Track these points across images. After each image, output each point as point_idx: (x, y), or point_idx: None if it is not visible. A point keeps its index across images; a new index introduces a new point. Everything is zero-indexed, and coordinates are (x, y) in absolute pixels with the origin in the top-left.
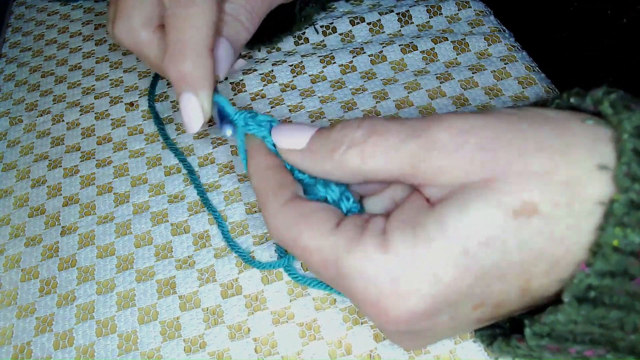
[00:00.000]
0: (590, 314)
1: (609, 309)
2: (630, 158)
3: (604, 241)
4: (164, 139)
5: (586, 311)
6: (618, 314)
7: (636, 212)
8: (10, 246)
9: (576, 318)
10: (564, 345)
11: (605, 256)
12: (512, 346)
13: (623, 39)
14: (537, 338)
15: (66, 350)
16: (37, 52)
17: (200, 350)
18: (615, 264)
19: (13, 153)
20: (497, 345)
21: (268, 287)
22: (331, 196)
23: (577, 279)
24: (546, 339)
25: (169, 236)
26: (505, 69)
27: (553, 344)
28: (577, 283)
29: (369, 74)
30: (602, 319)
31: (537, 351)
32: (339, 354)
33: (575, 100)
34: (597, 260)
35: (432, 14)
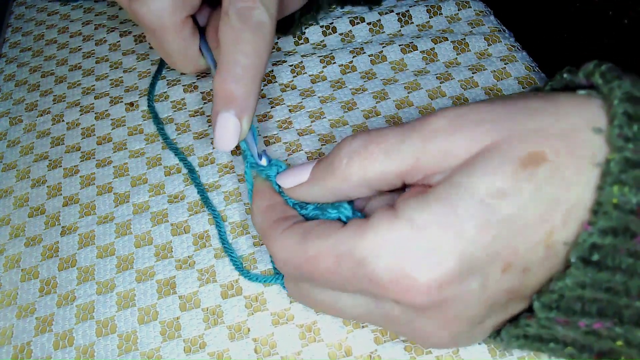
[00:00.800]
0: (596, 277)
1: (613, 272)
2: (622, 121)
3: (604, 199)
4: (164, 138)
5: (592, 274)
6: (622, 277)
7: (632, 170)
8: (10, 246)
9: (583, 280)
10: (572, 318)
11: (607, 213)
12: (522, 326)
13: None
14: (546, 310)
15: (66, 350)
16: (37, 52)
17: (200, 351)
18: (617, 220)
19: (13, 153)
20: (506, 330)
21: (268, 289)
22: (344, 214)
23: (581, 238)
24: (555, 311)
25: (169, 236)
26: (505, 69)
27: (562, 317)
28: (582, 243)
29: (369, 74)
30: (608, 282)
31: (548, 324)
32: (339, 356)
33: (568, 76)
34: (599, 219)
35: (432, 14)
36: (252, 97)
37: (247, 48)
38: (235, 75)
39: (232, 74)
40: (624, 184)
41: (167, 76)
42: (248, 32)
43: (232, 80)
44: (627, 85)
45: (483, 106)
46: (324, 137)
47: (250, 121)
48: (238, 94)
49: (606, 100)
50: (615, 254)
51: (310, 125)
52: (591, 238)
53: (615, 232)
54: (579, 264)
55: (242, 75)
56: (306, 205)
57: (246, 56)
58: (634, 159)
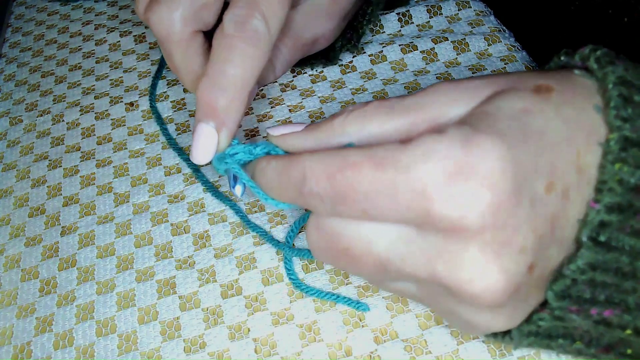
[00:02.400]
0: (605, 258)
1: (620, 253)
2: (618, 103)
3: (607, 177)
4: (167, 138)
5: (601, 255)
6: (627, 258)
7: (631, 148)
8: (10, 246)
9: (594, 260)
10: (584, 306)
11: (611, 190)
12: (534, 321)
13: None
14: (559, 299)
15: (66, 350)
16: (37, 52)
17: (200, 351)
18: (621, 196)
19: (13, 153)
20: (517, 328)
21: (268, 288)
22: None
23: (589, 217)
24: (567, 300)
25: (169, 236)
26: (505, 69)
27: (574, 306)
28: (591, 220)
29: (369, 74)
30: (616, 262)
31: (561, 314)
32: (339, 356)
33: (565, 58)
34: (604, 196)
35: (432, 14)
36: (235, 111)
37: (236, 58)
38: (219, 84)
39: (216, 83)
40: (624, 162)
41: (167, 76)
42: (240, 41)
43: (215, 90)
44: (620, 69)
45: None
46: None
47: (230, 136)
48: (219, 106)
49: (601, 84)
50: (620, 234)
51: None
52: (599, 215)
53: (620, 208)
54: (589, 243)
55: (227, 86)
56: None
57: (234, 66)
58: (633, 137)
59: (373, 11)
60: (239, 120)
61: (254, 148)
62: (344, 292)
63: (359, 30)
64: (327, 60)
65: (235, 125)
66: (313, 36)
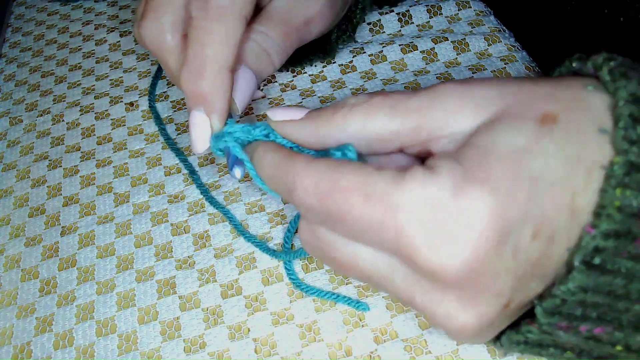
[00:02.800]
0: (598, 281)
1: (614, 275)
2: (628, 123)
3: (607, 202)
4: (165, 138)
5: (594, 278)
6: (622, 281)
7: (636, 173)
8: (10, 246)
9: (586, 283)
10: (574, 323)
11: (610, 216)
12: (523, 332)
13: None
14: (548, 315)
15: (66, 350)
16: (37, 52)
17: (200, 351)
18: (620, 223)
19: (13, 153)
20: (507, 336)
21: (268, 288)
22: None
23: (584, 242)
24: (557, 316)
25: (169, 236)
26: (505, 69)
27: (563, 322)
28: (585, 246)
29: (369, 74)
30: (609, 285)
31: (549, 330)
32: (339, 356)
33: (577, 64)
34: (602, 222)
35: (432, 14)
36: (220, 91)
37: (205, 37)
38: (197, 69)
39: (193, 68)
40: (626, 187)
41: (167, 76)
42: (204, 21)
43: (195, 76)
44: (633, 85)
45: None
46: None
47: (221, 117)
48: (203, 90)
49: (612, 99)
50: (616, 257)
51: None
52: (594, 241)
53: (617, 234)
54: (582, 267)
55: (202, 68)
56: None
57: (206, 46)
58: (638, 162)
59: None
60: (227, 100)
61: (253, 129)
62: (344, 291)
63: (354, 20)
64: (325, 53)
65: (225, 106)
66: (304, 18)
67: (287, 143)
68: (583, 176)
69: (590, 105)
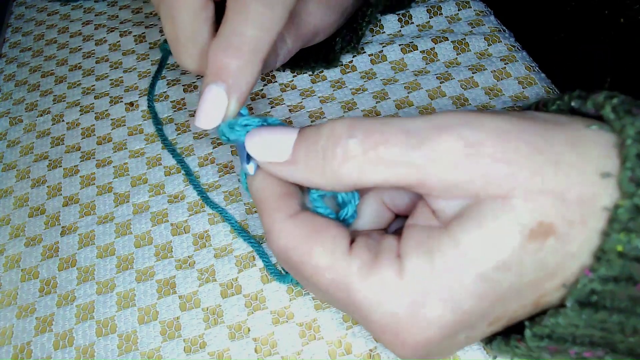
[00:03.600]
0: (592, 318)
1: (610, 313)
2: (634, 163)
3: (609, 247)
4: (162, 140)
5: (587, 315)
6: (619, 317)
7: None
8: (10, 246)
9: (577, 322)
10: (563, 346)
11: (610, 262)
12: (511, 346)
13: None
14: (536, 339)
15: (66, 350)
16: (37, 52)
17: (200, 350)
18: (619, 269)
19: (13, 153)
20: (497, 344)
21: (267, 287)
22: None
23: (580, 284)
24: (546, 340)
25: (169, 236)
26: (505, 69)
27: (552, 345)
28: (581, 288)
29: (369, 74)
30: (603, 322)
31: (536, 352)
32: (339, 354)
33: (576, 103)
34: (601, 266)
35: (432, 14)
36: (248, 75)
37: (251, 18)
38: (232, 45)
39: (229, 44)
40: (631, 232)
41: (167, 76)
42: (257, 2)
43: (229, 50)
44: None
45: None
46: None
47: (240, 103)
48: (232, 67)
49: (618, 136)
50: (614, 298)
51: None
52: (591, 284)
53: (616, 279)
54: (575, 306)
55: (240, 47)
56: None
57: (249, 27)
58: None
59: (372, 13)
60: (251, 87)
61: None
62: None
63: (359, 31)
64: (328, 63)
65: (247, 92)
66: (314, 28)
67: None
68: (557, 283)
69: (601, 205)
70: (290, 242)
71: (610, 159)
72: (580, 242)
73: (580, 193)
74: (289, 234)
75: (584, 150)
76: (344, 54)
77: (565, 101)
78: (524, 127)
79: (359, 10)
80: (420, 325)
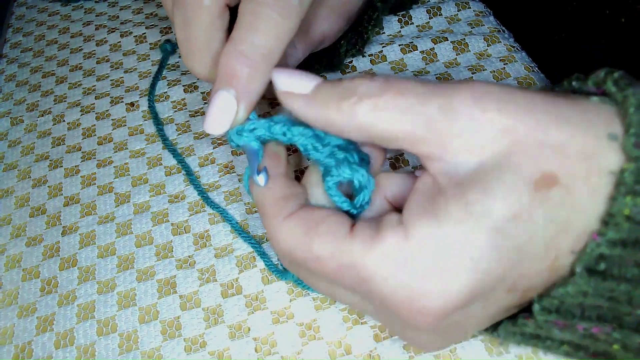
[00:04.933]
0: (600, 286)
1: (618, 282)
2: (638, 129)
3: (616, 210)
4: (163, 140)
5: (596, 283)
6: (626, 286)
7: None
8: (11, 246)
9: (586, 289)
10: (571, 321)
11: (617, 225)
12: (519, 325)
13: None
14: (545, 313)
15: (67, 349)
16: (38, 53)
17: (201, 350)
18: (627, 232)
19: (14, 153)
20: (504, 327)
21: (268, 287)
22: (358, 179)
23: (589, 248)
24: (554, 314)
25: (169, 236)
26: (504, 69)
27: (561, 320)
28: (589, 252)
29: (369, 74)
30: (611, 291)
31: (545, 327)
32: (339, 354)
33: (577, 84)
34: (609, 230)
35: (431, 15)
36: (258, 83)
37: (264, 26)
38: (244, 52)
39: (240, 50)
40: (637, 195)
41: (167, 76)
42: (269, 9)
43: (240, 57)
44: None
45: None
46: None
47: (249, 109)
48: (242, 74)
49: (620, 108)
50: (622, 264)
51: None
52: (599, 249)
53: (624, 243)
54: (584, 273)
55: (252, 54)
56: (321, 149)
57: (261, 34)
58: None
59: (378, 16)
60: (260, 94)
61: (273, 125)
62: None
63: (364, 35)
64: (332, 66)
65: (256, 99)
66: (321, 35)
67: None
68: (569, 241)
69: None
70: (289, 243)
71: (615, 127)
72: (586, 196)
73: (582, 147)
74: (287, 236)
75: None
76: (348, 57)
77: (565, 85)
78: (530, 92)
79: (364, 14)
80: (437, 289)
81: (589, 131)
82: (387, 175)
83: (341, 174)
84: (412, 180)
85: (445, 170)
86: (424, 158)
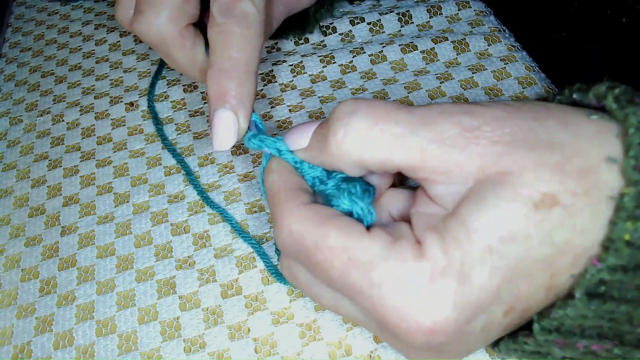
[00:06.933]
0: (600, 309)
1: (618, 304)
2: (638, 151)
3: (616, 236)
4: (163, 139)
5: (596, 306)
6: (627, 307)
7: None
8: (10, 246)
9: (586, 313)
10: (571, 340)
11: (618, 251)
12: (520, 343)
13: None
14: (545, 333)
15: (66, 350)
16: (37, 52)
17: (200, 350)
18: (628, 258)
19: (13, 153)
20: (504, 344)
21: (268, 288)
22: (357, 211)
23: (589, 274)
24: (554, 334)
25: (169, 236)
26: (505, 69)
27: (561, 339)
28: (589, 278)
29: (369, 74)
30: (611, 313)
31: (545, 346)
32: (339, 355)
33: (578, 95)
34: (609, 255)
35: (432, 14)
36: (247, 92)
37: (233, 41)
38: (225, 70)
39: (221, 69)
40: (637, 220)
41: (167, 76)
42: (233, 25)
43: (223, 76)
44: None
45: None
46: None
47: (247, 117)
48: (230, 89)
49: (621, 126)
50: (622, 288)
51: None
52: (599, 274)
53: (625, 269)
54: (584, 297)
55: (232, 69)
56: (326, 181)
57: (234, 50)
58: None
59: None
60: (253, 99)
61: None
62: None
63: None
64: (302, 30)
65: (251, 106)
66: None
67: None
68: (568, 261)
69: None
70: (303, 225)
71: (614, 147)
72: (588, 215)
73: (579, 166)
74: (303, 219)
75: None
76: (319, 18)
77: (566, 95)
78: (519, 114)
79: None
80: (436, 305)
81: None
82: (392, 191)
83: (340, 205)
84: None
85: (442, 192)
86: (420, 181)
